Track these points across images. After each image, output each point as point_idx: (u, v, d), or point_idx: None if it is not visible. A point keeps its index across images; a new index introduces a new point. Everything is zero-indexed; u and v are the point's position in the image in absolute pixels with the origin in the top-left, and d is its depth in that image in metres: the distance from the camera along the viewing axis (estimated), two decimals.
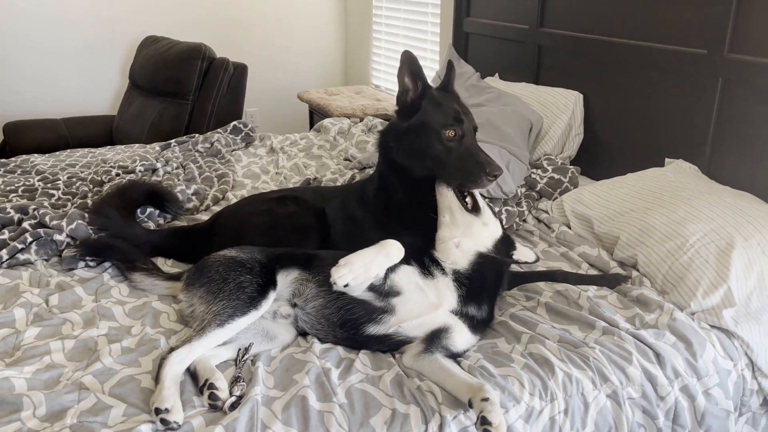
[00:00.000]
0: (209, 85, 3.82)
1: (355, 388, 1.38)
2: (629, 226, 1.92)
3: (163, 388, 1.31)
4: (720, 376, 1.54)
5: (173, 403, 1.28)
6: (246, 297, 1.48)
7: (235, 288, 1.49)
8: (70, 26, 4.25)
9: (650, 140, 2.44)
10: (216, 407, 1.32)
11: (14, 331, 1.54)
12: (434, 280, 1.57)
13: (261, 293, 1.50)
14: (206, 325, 1.44)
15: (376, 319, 1.50)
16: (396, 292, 1.52)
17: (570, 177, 2.42)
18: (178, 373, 1.36)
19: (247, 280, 1.51)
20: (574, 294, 1.71)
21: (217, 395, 1.32)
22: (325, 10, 5.01)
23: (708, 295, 1.65)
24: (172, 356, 1.38)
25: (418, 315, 1.51)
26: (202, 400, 1.33)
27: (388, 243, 1.51)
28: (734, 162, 2.14)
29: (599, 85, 2.66)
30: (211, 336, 1.42)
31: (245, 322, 1.46)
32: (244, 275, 1.52)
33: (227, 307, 1.46)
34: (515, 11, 3.07)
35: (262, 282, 1.52)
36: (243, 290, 1.49)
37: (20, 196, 2.39)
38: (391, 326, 1.50)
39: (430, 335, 1.49)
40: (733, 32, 2.08)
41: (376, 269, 1.47)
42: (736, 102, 2.11)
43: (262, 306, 1.49)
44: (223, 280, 1.51)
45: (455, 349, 1.49)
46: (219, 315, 1.44)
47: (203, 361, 1.41)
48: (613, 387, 1.44)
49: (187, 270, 1.68)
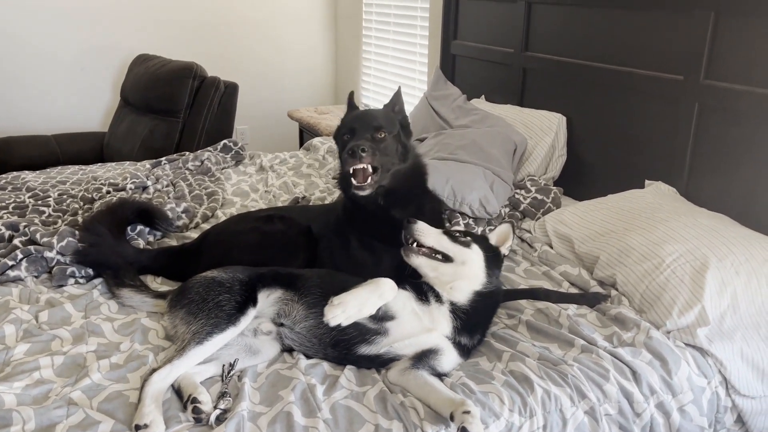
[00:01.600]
0: (200, 104, 3.86)
1: (339, 404, 1.41)
2: (609, 247, 1.98)
3: (143, 406, 1.34)
4: (694, 393, 1.58)
5: (152, 418, 1.31)
6: (224, 315, 1.51)
7: (213, 307, 1.53)
8: (61, 43, 4.29)
9: (631, 162, 2.50)
10: (200, 420, 1.34)
11: (4, 347, 1.56)
12: (430, 307, 1.59)
13: (239, 310, 1.54)
14: (186, 344, 1.47)
15: (369, 340, 1.54)
16: (390, 316, 1.56)
17: (553, 197, 2.47)
18: (159, 390, 1.39)
19: (225, 299, 1.54)
20: (555, 312, 1.76)
21: (201, 408, 1.35)
22: (316, 30, 5.09)
23: (683, 314, 1.70)
24: (153, 376, 1.41)
25: (410, 336, 1.55)
26: (187, 414, 1.36)
27: (382, 283, 1.55)
28: (711, 184, 2.21)
29: (582, 108, 2.73)
30: (191, 354, 1.46)
31: (224, 338, 1.50)
32: (223, 294, 1.56)
33: (206, 325, 1.49)
34: (501, 35, 3.15)
35: (241, 299, 1.56)
36: (221, 308, 1.52)
37: (11, 213, 2.41)
38: (383, 347, 1.54)
39: (419, 354, 1.53)
40: (709, 59, 2.15)
41: (368, 310, 1.52)
42: (712, 126, 2.18)
43: (241, 322, 1.53)
44: (202, 300, 1.55)
45: (441, 369, 1.53)
46: (198, 333, 1.48)
47: (187, 378, 1.44)
48: (591, 403, 1.48)
49: (172, 291, 1.71)
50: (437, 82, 3.33)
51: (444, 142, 2.72)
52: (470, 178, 2.36)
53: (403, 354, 1.54)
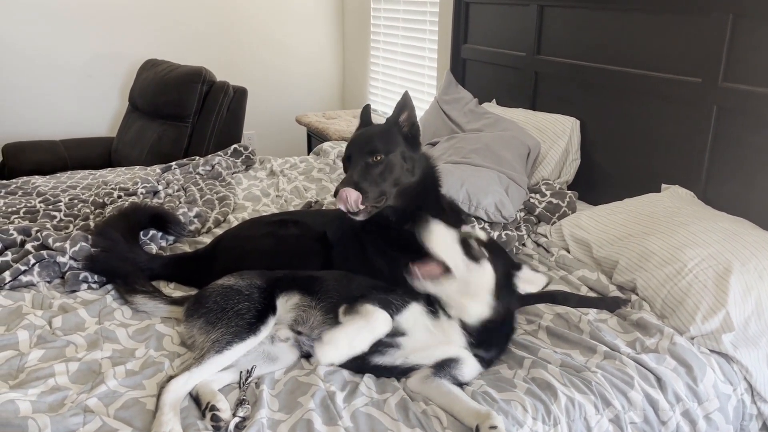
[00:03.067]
0: (209, 109, 3.85)
1: (360, 411, 1.38)
2: (628, 251, 1.95)
3: (162, 414, 1.31)
4: (720, 401, 1.55)
5: (172, 427, 1.28)
6: (244, 323, 1.48)
7: (233, 315, 1.50)
8: (70, 49, 4.29)
9: (646, 166, 2.48)
10: (219, 428, 1.32)
11: (18, 353, 1.54)
12: (441, 321, 1.52)
13: (259, 319, 1.51)
14: (205, 352, 1.44)
15: (382, 352, 1.50)
16: (401, 332, 1.50)
17: (568, 202, 2.44)
18: (177, 399, 1.37)
19: (245, 308, 1.51)
20: (575, 318, 1.73)
21: (219, 416, 1.33)
22: (324, 35, 5.08)
23: (707, 320, 1.67)
24: (170, 384, 1.38)
25: (425, 349, 1.50)
26: (205, 422, 1.33)
27: (372, 318, 1.44)
28: (729, 188, 2.18)
29: (596, 111, 2.70)
30: (209, 363, 1.43)
31: (243, 348, 1.47)
32: (243, 302, 1.53)
33: (225, 334, 1.46)
34: (512, 39, 3.13)
35: (261, 308, 1.53)
36: (241, 317, 1.49)
37: (22, 218, 2.39)
38: (398, 359, 1.51)
39: (440, 363, 1.49)
40: (727, 61, 2.13)
41: (360, 345, 1.42)
42: (731, 129, 2.15)
43: (261, 332, 1.50)
44: (221, 310, 1.52)
45: (462, 379, 1.49)
46: (217, 342, 1.45)
47: (204, 386, 1.42)
48: (616, 411, 1.45)
49: (187, 298, 1.69)
50: (448, 86, 3.31)
51: (457, 146, 2.70)
52: (485, 183, 2.34)
53: (422, 364, 1.51)
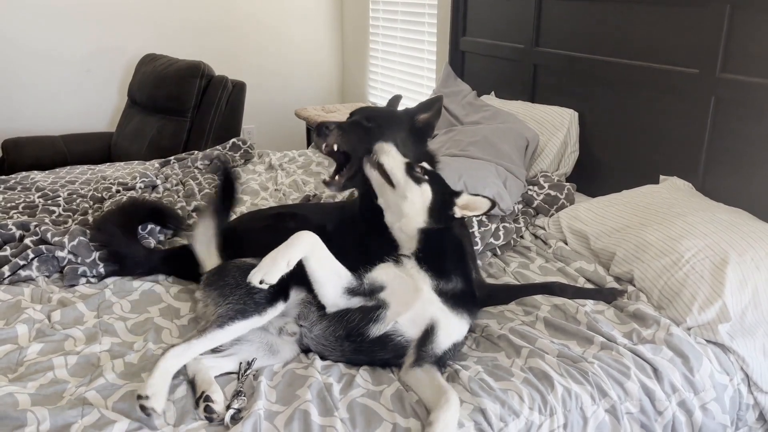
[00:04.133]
0: (208, 103, 3.85)
1: (356, 402, 1.39)
2: (625, 242, 1.95)
3: (151, 377, 1.33)
4: (717, 391, 1.56)
5: (155, 390, 1.30)
6: (253, 303, 1.49)
7: (245, 293, 1.50)
8: (68, 43, 4.29)
9: (645, 158, 2.47)
10: (212, 419, 1.33)
11: (17, 347, 1.55)
12: (405, 266, 1.60)
13: (269, 301, 1.51)
14: (209, 326, 1.46)
15: (374, 318, 1.52)
16: (380, 287, 1.56)
17: (566, 194, 2.44)
18: (172, 366, 1.38)
19: (258, 288, 1.50)
20: (572, 308, 1.73)
21: (213, 408, 1.34)
22: (322, 28, 5.07)
23: (704, 311, 1.67)
24: (169, 351, 1.40)
25: (407, 304, 1.53)
26: (198, 412, 1.35)
27: (295, 235, 1.52)
28: (727, 179, 2.18)
29: (594, 103, 2.70)
30: (210, 337, 1.44)
31: (246, 326, 1.47)
32: None
33: (231, 310, 1.47)
34: (511, 31, 3.13)
35: (273, 291, 1.52)
36: (252, 296, 1.50)
37: (21, 213, 2.40)
38: (389, 321, 1.52)
39: (422, 337, 1.51)
40: (725, 52, 2.12)
41: (283, 260, 1.46)
42: (729, 120, 2.15)
43: (268, 313, 1.50)
44: (236, 285, 1.52)
45: (441, 348, 1.51)
46: (222, 317, 1.46)
47: (202, 371, 1.43)
48: (612, 402, 1.46)
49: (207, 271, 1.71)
50: (447, 79, 3.30)
51: (455, 139, 2.69)
52: (483, 175, 2.34)
53: (410, 335, 1.52)
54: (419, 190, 1.66)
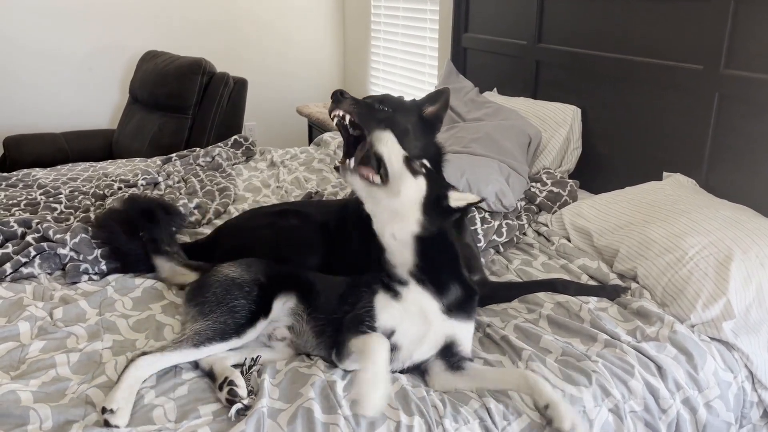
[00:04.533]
0: (209, 100, 3.85)
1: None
2: (628, 239, 1.94)
3: (118, 389, 1.32)
4: (721, 388, 1.55)
5: (121, 405, 1.29)
6: (233, 323, 1.46)
7: (226, 311, 1.48)
8: (70, 41, 4.28)
9: (648, 154, 2.47)
10: (233, 402, 1.34)
11: (19, 345, 1.54)
12: (406, 297, 1.49)
13: (249, 321, 1.48)
14: (183, 340, 1.44)
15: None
16: (391, 331, 1.46)
17: (569, 191, 2.44)
18: (140, 377, 1.38)
19: (240, 305, 1.49)
20: (575, 306, 1.73)
21: (237, 392, 1.37)
22: (324, 25, 5.06)
23: (708, 308, 1.66)
24: (140, 360, 1.39)
25: (420, 340, 1.48)
26: (221, 395, 1.37)
27: (376, 351, 1.36)
28: (731, 176, 2.17)
29: (597, 99, 2.69)
30: (183, 353, 1.43)
31: (222, 347, 1.45)
32: (239, 299, 1.50)
33: (209, 329, 1.45)
34: (513, 27, 3.11)
35: (254, 309, 1.50)
36: (233, 315, 1.47)
37: (22, 210, 2.40)
38: (404, 360, 1.49)
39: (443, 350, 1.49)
40: (729, 48, 2.11)
41: (383, 379, 1.32)
42: (733, 117, 2.14)
43: (247, 335, 1.48)
44: (217, 303, 1.50)
45: (467, 349, 1.51)
46: (198, 335, 1.44)
47: (219, 362, 1.45)
48: (615, 401, 1.45)
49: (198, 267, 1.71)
50: (449, 76, 3.29)
51: (457, 136, 2.69)
52: (486, 172, 2.33)
53: (426, 357, 1.50)
54: (414, 182, 1.51)
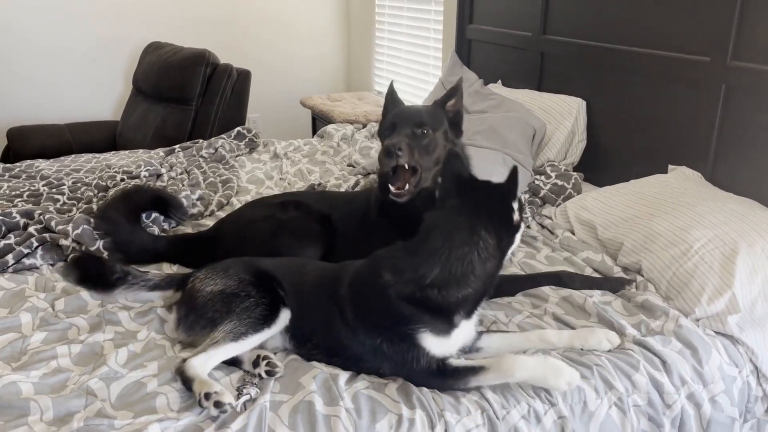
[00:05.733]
0: (213, 91, 3.83)
1: (361, 393, 1.38)
2: (633, 232, 1.93)
3: (203, 380, 1.33)
4: (726, 383, 1.54)
5: (220, 387, 1.30)
6: (257, 316, 1.45)
7: (242, 312, 1.46)
8: (73, 32, 4.27)
9: (653, 147, 2.45)
10: (273, 374, 1.40)
11: (20, 336, 1.54)
12: (455, 334, 1.45)
13: (272, 312, 1.47)
14: (220, 339, 1.42)
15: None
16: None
17: (573, 183, 2.42)
18: (204, 372, 1.37)
19: (252, 304, 1.47)
20: (580, 299, 1.72)
21: (275, 362, 1.42)
22: (328, 17, 5.04)
23: (713, 302, 1.65)
24: (192, 360, 1.37)
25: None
26: (259, 369, 1.41)
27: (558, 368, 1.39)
28: (738, 169, 2.15)
29: (602, 92, 2.67)
30: (225, 348, 1.42)
31: (258, 339, 1.45)
32: (246, 300, 1.48)
33: (239, 325, 1.43)
34: (518, 19, 3.09)
35: (268, 301, 1.48)
36: (251, 311, 1.46)
37: (25, 201, 2.39)
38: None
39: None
40: (737, 40, 2.09)
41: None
42: (740, 109, 2.11)
43: (276, 324, 1.47)
44: (227, 312, 1.46)
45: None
46: (231, 333, 1.42)
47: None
48: (619, 394, 1.44)
49: (176, 304, 1.61)
50: (453, 67, 3.27)
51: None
52: (489, 164, 2.32)
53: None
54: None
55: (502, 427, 1.34)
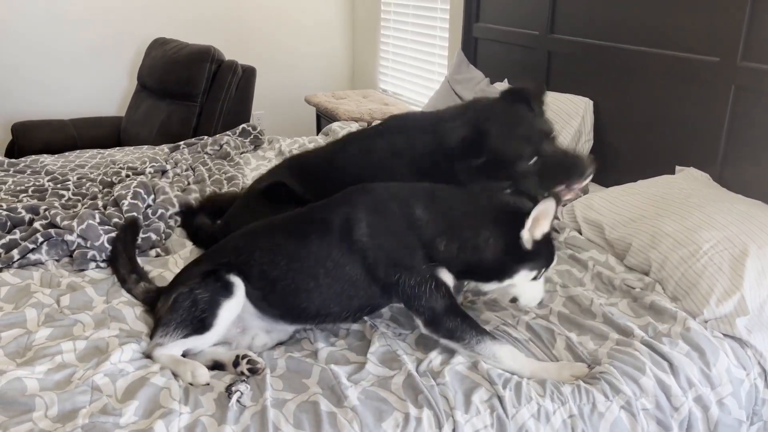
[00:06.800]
0: (218, 88, 3.83)
1: (366, 391, 1.37)
2: (641, 233, 1.91)
3: (178, 363, 1.43)
4: (733, 386, 1.53)
5: (194, 366, 1.41)
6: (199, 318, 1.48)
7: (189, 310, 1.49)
8: (78, 27, 4.27)
9: (660, 148, 2.43)
10: (256, 371, 1.41)
11: (26, 332, 1.53)
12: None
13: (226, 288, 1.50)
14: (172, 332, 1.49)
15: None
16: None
17: None
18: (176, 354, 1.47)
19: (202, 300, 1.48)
20: (586, 301, 1.71)
21: (256, 360, 1.43)
22: (333, 14, 5.03)
23: (721, 303, 1.64)
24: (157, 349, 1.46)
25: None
26: (241, 368, 1.42)
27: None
28: (746, 170, 2.13)
29: (609, 91, 2.65)
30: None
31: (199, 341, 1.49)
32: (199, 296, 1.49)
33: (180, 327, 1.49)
34: (525, 17, 3.07)
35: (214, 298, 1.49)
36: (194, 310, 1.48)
37: (30, 197, 2.39)
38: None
39: None
40: (747, 40, 2.07)
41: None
42: (749, 110, 2.10)
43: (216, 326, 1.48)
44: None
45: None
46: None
47: (216, 350, 1.51)
48: (627, 398, 1.42)
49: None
50: (459, 65, 3.26)
51: None
52: None
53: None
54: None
55: (511, 426, 1.34)
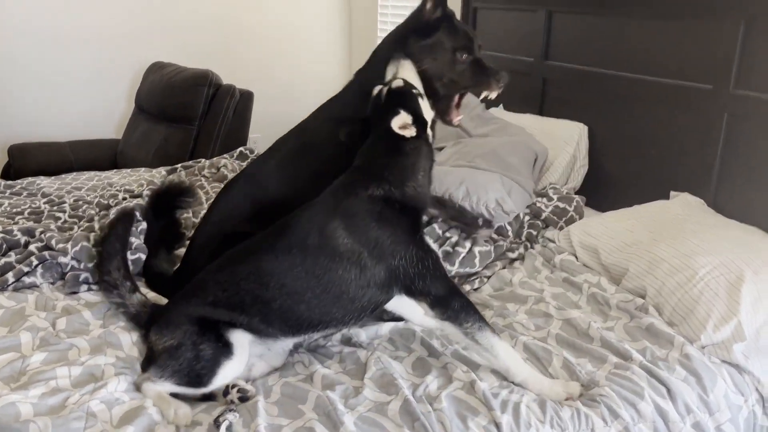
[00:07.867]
0: (215, 111, 3.84)
1: (363, 416, 1.36)
2: (637, 258, 1.92)
3: (162, 400, 1.40)
4: (731, 412, 1.53)
5: (177, 405, 1.39)
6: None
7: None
8: (76, 50, 4.29)
9: (655, 173, 2.45)
10: (246, 399, 1.42)
11: (20, 356, 1.51)
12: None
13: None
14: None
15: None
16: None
17: (575, 206, 2.42)
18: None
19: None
20: (584, 324, 1.71)
21: (245, 388, 1.44)
22: (330, 39, 5.08)
23: (718, 329, 1.64)
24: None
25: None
26: (231, 396, 1.43)
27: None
28: (740, 196, 2.15)
29: (604, 117, 2.68)
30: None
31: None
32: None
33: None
34: (520, 44, 3.11)
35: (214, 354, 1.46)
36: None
37: (26, 219, 2.38)
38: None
39: None
40: (739, 68, 2.10)
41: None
42: (742, 137, 2.12)
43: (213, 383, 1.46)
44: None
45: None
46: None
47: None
48: (625, 423, 1.42)
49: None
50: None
51: (463, 151, 2.68)
52: (486, 181, 2.32)
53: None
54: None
55: None
